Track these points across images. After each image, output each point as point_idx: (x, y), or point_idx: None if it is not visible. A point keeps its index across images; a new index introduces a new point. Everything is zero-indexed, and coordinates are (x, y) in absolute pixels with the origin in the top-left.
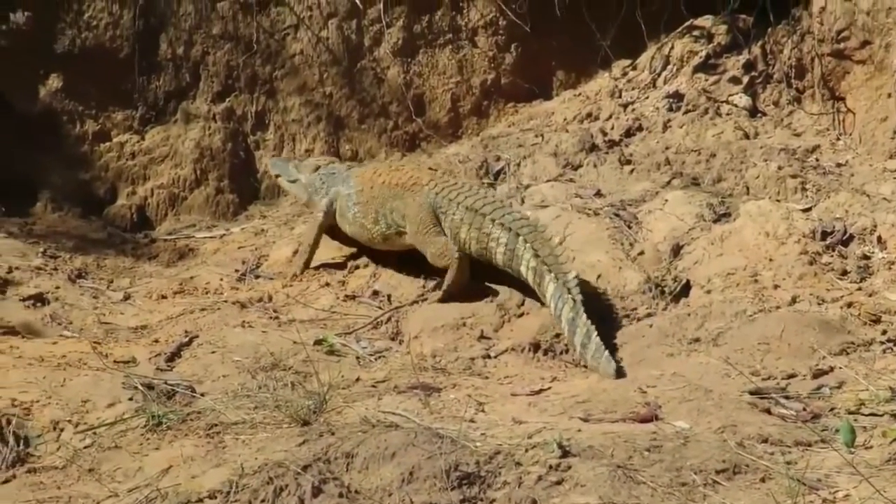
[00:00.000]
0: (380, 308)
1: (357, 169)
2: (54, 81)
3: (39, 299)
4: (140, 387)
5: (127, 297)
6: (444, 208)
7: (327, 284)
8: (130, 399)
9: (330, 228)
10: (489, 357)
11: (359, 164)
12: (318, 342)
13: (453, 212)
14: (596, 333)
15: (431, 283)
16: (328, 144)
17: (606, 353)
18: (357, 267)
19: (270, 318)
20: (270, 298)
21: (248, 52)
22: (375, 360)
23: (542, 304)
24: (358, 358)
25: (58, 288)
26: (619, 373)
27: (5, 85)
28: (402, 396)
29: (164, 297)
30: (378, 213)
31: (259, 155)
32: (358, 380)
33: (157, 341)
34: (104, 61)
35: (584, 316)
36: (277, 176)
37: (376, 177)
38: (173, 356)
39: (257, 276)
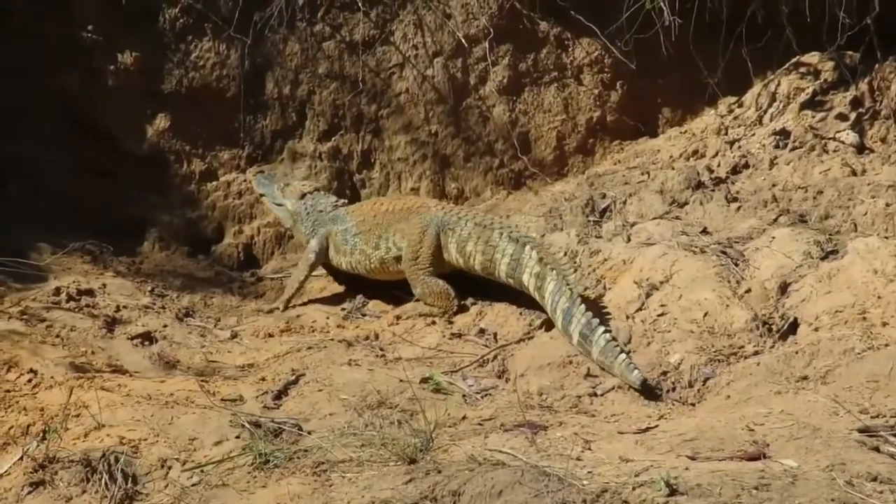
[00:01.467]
0: (486, 346)
1: (350, 206)
2: (162, 121)
3: (147, 338)
4: (247, 425)
5: (234, 336)
6: (452, 225)
7: (433, 323)
8: (238, 437)
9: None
10: (596, 395)
11: (342, 201)
12: (424, 380)
13: (462, 227)
14: (601, 326)
15: (538, 321)
16: (434, 183)
17: (619, 352)
18: (464, 306)
19: (377, 356)
20: (377, 336)
21: (354, 91)
22: (482, 398)
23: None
24: (464, 396)
25: (165, 326)
26: (645, 384)
27: (114, 125)
28: (509, 434)
29: (270, 335)
30: (381, 237)
31: (366, 194)
32: (464, 418)
33: (263, 379)
34: (211, 101)
35: (583, 306)
36: (262, 195)
37: (377, 206)
38: (280, 394)
39: (363, 315)
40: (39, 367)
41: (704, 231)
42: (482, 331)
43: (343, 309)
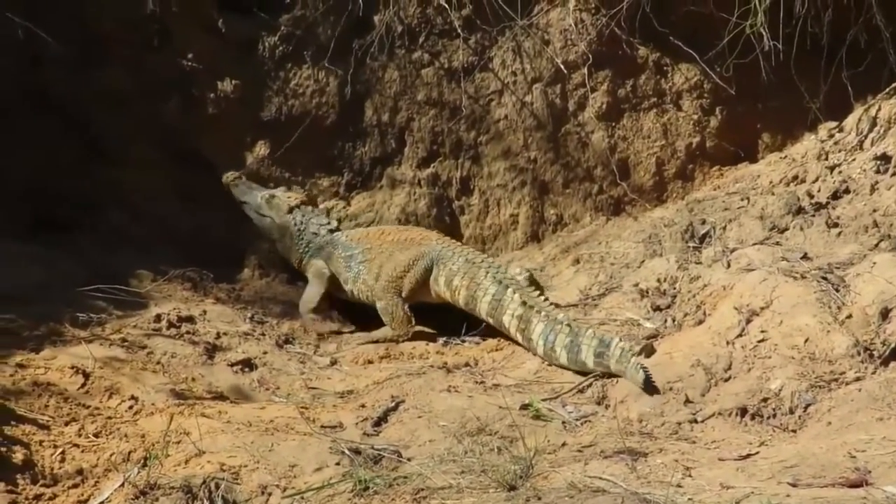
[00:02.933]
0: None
1: (352, 232)
2: (261, 148)
3: (247, 364)
4: (347, 451)
5: (334, 363)
6: (445, 259)
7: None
8: (337, 464)
9: None
10: (696, 421)
11: (325, 214)
12: (524, 407)
13: (454, 261)
14: (616, 339)
15: (637, 348)
16: (532, 209)
17: (634, 360)
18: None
19: (476, 382)
20: (476, 363)
21: (453, 118)
22: (581, 424)
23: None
24: (564, 422)
25: (265, 353)
26: (648, 382)
27: (213, 152)
28: (609, 461)
29: (370, 362)
30: (382, 267)
31: (465, 220)
32: (564, 444)
33: (363, 406)
34: (310, 128)
35: (590, 331)
36: (243, 202)
37: (385, 236)
38: (380, 421)
39: (463, 341)
40: (140, 394)
41: (805, 257)
42: None
43: (442, 335)
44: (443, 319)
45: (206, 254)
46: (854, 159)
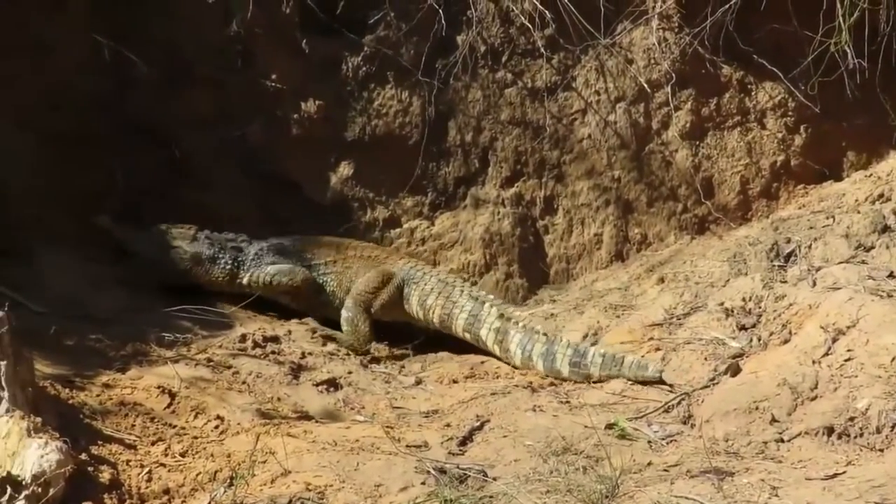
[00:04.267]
0: (671, 391)
1: (302, 242)
2: (345, 169)
3: (332, 384)
4: (432, 471)
5: (418, 382)
6: (416, 279)
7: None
8: (423, 483)
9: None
10: (782, 441)
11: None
12: (609, 426)
13: (426, 281)
14: (590, 347)
15: (723, 367)
16: (617, 228)
17: (622, 357)
18: (647, 350)
19: (561, 401)
20: (561, 382)
21: (537, 137)
22: (667, 443)
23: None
24: (649, 442)
25: (350, 373)
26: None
27: (297, 173)
28: (695, 481)
29: (455, 381)
30: (352, 282)
31: (549, 240)
32: (650, 464)
33: (448, 425)
34: (394, 148)
35: (565, 340)
36: (136, 242)
37: (347, 250)
38: (465, 440)
39: None
40: (226, 414)
41: (891, 275)
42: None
43: None
44: None
45: None
46: None
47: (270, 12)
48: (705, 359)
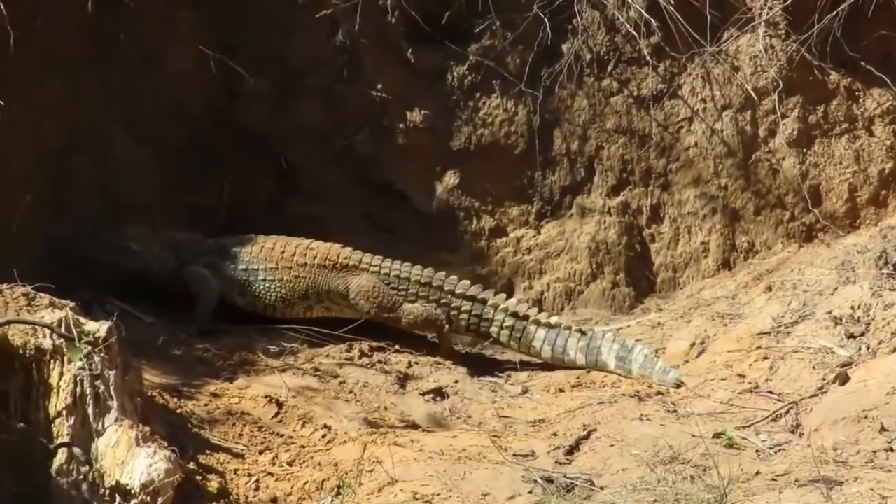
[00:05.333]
0: (779, 400)
1: (242, 245)
2: (451, 178)
3: (439, 393)
4: (539, 480)
5: (525, 391)
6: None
7: (724, 379)
8: (530, 492)
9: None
10: (892, 450)
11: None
12: (716, 435)
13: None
14: (637, 344)
15: (832, 376)
16: (723, 236)
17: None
18: (754, 359)
19: (668, 411)
20: (668, 391)
21: (643, 146)
22: (775, 453)
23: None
24: (757, 451)
25: (457, 382)
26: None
27: (404, 182)
28: (804, 490)
29: (561, 390)
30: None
31: (655, 248)
32: (758, 473)
33: (555, 434)
34: (500, 157)
35: (609, 333)
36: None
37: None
38: (572, 449)
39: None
40: (333, 423)
41: None
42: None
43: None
44: None
45: None
46: None
47: (376, 23)
48: (813, 367)
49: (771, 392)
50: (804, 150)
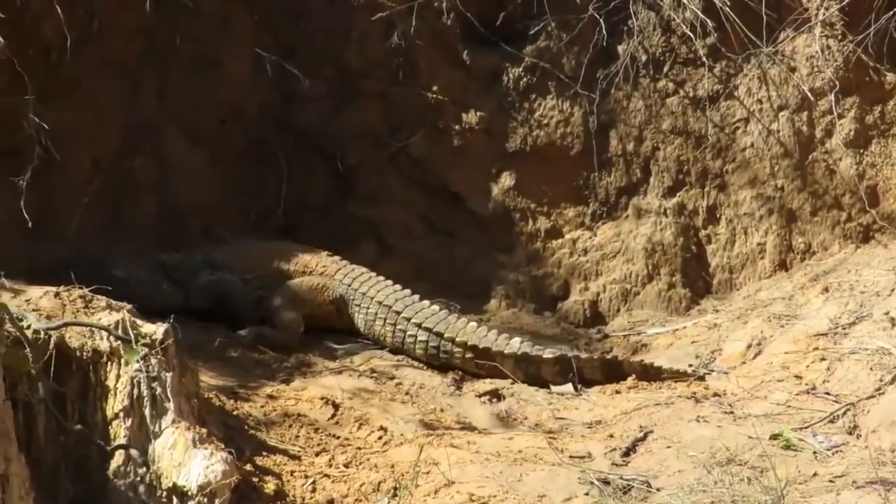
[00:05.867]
0: (836, 402)
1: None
2: (506, 180)
3: (495, 395)
4: (596, 482)
5: (581, 393)
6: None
7: (781, 380)
8: (587, 494)
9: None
10: None
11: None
12: (773, 436)
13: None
14: None
15: (888, 377)
16: (780, 238)
17: None
18: (811, 360)
19: (725, 412)
20: (724, 392)
21: (699, 147)
22: (832, 454)
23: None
24: (815, 452)
25: (513, 383)
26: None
27: (460, 184)
28: (861, 492)
29: (618, 392)
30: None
31: (711, 249)
32: (815, 475)
33: (611, 436)
34: (555, 158)
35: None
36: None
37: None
38: (629, 451)
39: (710, 370)
40: (389, 425)
41: None
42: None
43: (690, 365)
44: None
45: (453, 286)
46: None
47: (432, 25)
48: (871, 369)
49: (828, 393)
50: (861, 151)
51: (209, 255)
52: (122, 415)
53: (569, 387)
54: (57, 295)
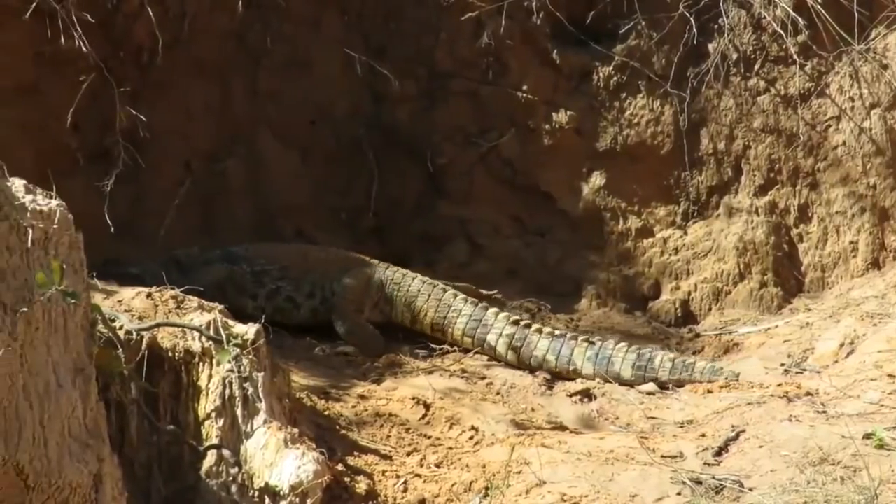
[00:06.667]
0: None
1: (250, 247)
2: (597, 179)
3: (586, 395)
4: (688, 482)
5: (673, 392)
6: (397, 280)
7: (874, 379)
8: (679, 493)
9: None
10: None
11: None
12: (867, 436)
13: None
14: (658, 352)
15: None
16: (872, 236)
17: (693, 361)
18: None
19: (818, 412)
20: (817, 392)
21: (790, 145)
22: None
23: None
24: None
25: (604, 383)
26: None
27: (550, 184)
28: None
29: (709, 391)
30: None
31: (803, 248)
32: None
33: (703, 436)
34: (646, 157)
35: (623, 346)
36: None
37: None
38: (721, 451)
39: (803, 370)
40: (480, 425)
41: None
42: None
43: (782, 365)
44: None
45: (544, 285)
46: None
47: (521, 24)
48: None
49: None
50: None
51: (230, 249)
52: (213, 415)
53: (651, 385)
54: (149, 296)
